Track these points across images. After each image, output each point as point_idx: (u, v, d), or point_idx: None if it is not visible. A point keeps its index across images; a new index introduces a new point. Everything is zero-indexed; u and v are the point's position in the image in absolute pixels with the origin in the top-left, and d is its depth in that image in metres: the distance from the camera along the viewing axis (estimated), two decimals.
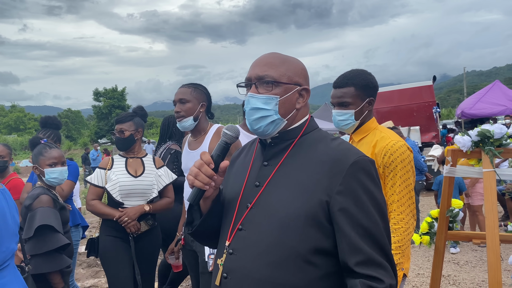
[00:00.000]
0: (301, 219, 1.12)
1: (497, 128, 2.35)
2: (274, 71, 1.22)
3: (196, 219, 1.32)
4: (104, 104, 47.80)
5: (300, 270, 1.11)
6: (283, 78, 1.22)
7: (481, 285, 4.43)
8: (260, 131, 1.24)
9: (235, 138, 1.25)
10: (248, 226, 1.20)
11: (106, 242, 2.86)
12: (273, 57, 1.27)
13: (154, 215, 3.02)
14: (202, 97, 2.64)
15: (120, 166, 2.94)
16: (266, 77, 1.22)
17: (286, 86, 1.23)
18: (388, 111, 11.45)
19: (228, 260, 1.21)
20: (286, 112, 1.23)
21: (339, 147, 1.20)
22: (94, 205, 2.88)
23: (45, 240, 2.33)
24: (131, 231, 2.82)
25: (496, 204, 2.29)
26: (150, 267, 3.05)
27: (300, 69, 1.27)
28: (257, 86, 1.23)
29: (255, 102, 1.23)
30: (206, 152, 1.21)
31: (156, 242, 3.04)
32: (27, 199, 2.49)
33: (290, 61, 1.27)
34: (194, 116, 2.58)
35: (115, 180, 2.86)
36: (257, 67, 1.25)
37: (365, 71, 2.12)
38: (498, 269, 2.12)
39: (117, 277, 2.82)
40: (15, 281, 1.63)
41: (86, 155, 16.37)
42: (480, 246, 5.51)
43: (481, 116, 13.45)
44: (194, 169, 1.19)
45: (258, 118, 1.23)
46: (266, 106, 1.22)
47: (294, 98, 1.24)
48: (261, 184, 1.23)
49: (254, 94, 1.23)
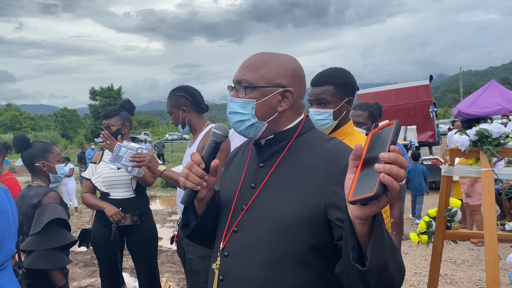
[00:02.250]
0: (296, 221, 1.11)
1: (495, 127, 2.35)
2: (252, 74, 1.21)
3: (191, 221, 1.31)
4: (101, 103, 47.62)
5: (296, 272, 1.11)
6: (260, 81, 1.20)
7: (478, 284, 4.45)
8: (243, 133, 1.25)
9: (225, 137, 1.24)
10: (243, 228, 1.19)
11: (96, 231, 3.07)
12: (256, 59, 1.24)
13: (145, 209, 3.12)
14: (179, 102, 2.66)
15: (106, 159, 3.09)
16: (243, 81, 1.21)
17: (264, 90, 1.20)
18: (385, 110, 11.40)
19: (223, 263, 1.20)
20: (265, 116, 1.21)
21: (335, 147, 1.19)
22: (84, 197, 3.11)
23: (53, 237, 2.29)
24: (113, 220, 2.95)
25: (494, 203, 2.29)
26: (146, 257, 3.12)
27: (285, 70, 1.22)
28: (237, 90, 1.23)
29: (233, 106, 1.23)
30: (196, 152, 1.20)
31: (148, 234, 3.12)
32: (33, 198, 2.41)
33: (274, 62, 1.23)
34: (181, 123, 2.68)
35: (99, 172, 3.07)
36: (239, 70, 1.25)
37: (344, 69, 2.02)
38: (496, 268, 2.12)
39: (104, 261, 3.06)
40: (12, 282, 1.63)
41: (82, 154, 16.31)
42: (478, 245, 5.52)
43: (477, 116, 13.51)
44: (185, 170, 1.17)
45: (237, 121, 1.23)
46: (243, 110, 1.21)
47: (274, 101, 1.21)
48: (257, 186, 1.22)
49: (233, 98, 1.23)
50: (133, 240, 3.07)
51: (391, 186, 0.78)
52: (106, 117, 3.06)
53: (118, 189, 3.02)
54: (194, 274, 2.45)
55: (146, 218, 3.11)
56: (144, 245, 3.09)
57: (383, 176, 0.78)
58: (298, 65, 1.27)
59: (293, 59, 1.28)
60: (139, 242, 3.07)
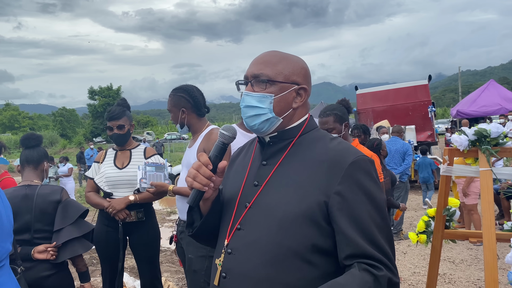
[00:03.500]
0: (299, 219, 1.12)
1: (493, 127, 2.35)
2: (270, 69, 1.22)
3: (196, 221, 1.32)
4: (99, 103, 47.56)
5: (298, 270, 1.11)
6: (279, 76, 1.22)
7: (476, 283, 4.46)
8: (255, 128, 1.25)
9: (232, 138, 1.24)
10: (246, 225, 1.20)
11: (99, 230, 3.04)
12: (272, 55, 1.26)
13: (149, 208, 3.10)
14: (180, 102, 2.65)
15: (109, 159, 3.10)
16: (261, 75, 1.22)
17: (282, 85, 1.22)
18: (384, 110, 11.48)
19: (226, 260, 1.20)
20: (281, 111, 1.23)
21: (338, 146, 1.20)
22: (88, 196, 3.09)
23: (82, 226, 2.56)
24: (119, 219, 2.94)
25: (492, 203, 2.29)
26: (149, 256, 3.11)
27: (299, 68, 1.26)
28: (253, 84, 1.23)
29: (250, 100, 1.23)
30: (203, 153, 1.21)
31: (151, 233, 3.10)
32: (51, 195, 2.51)
33: (289, 60, 1.26)
34: (179, 123, 2.67)
35: (102, 172, 3.05)
36: (254, 65, 1.25)
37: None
38: (495, 268, 2.13)
39: (107, 260, 3.06)
40: (10, 281, 1.63)
41: (81, 154, 16.29)
42: (476, 245, 5.53)
43: (476, 116, 13.54)
44: (192, 170, 1.18)
45: (252, 116, 1.23)
46: (261, 104, 1.22)
47: (290, 97, 1.24)
48: (260, 184, 1.23)
49: (249, 92, 1.24)
50: (136, 238, 3.05)
51: None
52: (116, 118, 2.98)
53: (122, 189, 3.00)
54: (194, 274, 2.45)
55: (150, 216, 3.10)
56: (147, 243, 3.08)
57: None
58: (307, 66, 1.31)
59: (303, 59, 1.31)
60: (142, 241, 3.06)
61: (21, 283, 1.95)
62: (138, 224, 3.02)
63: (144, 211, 3.03)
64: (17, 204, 2.38)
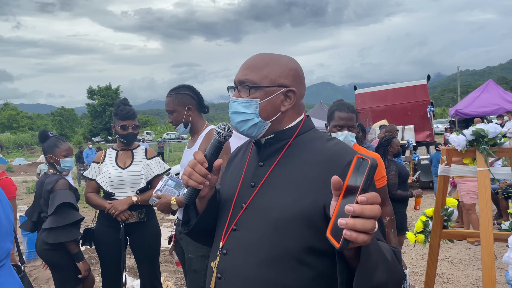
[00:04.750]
0: (295, 220, 1.11)
1: (491, 127, 2.36)
2: (256, 74, 1.21)
3: (192, 219, 1.32)
4: (98, 102, 47.51)
5: (293, 270, 1.11)
6: (264, 81, 1.21)
7: (474, 283, 4.46)
8: (245, 133, 1.25)
9: (228, 136, 1.24)
10: (242, 226, 1.20)
11: (99, 230, 3.05)
12: (259, 59, 1.25)
13: (150, 208, 3.09)
14: (185, 100, 2.62)
15: (111, 159, 3.08)
16: (246, 81, 1.22)
17: (267, 89, 1.21)
18: (383, 110, 11.50)
19: (222, 261, 1.21)
20: (268, 115, 1.23)
21: (335, 147, 1.19)
22: (89, 197, 3.07)
23: (64, 216, 2.80)
24: (121, 219, 2.95)
25: (490, 203, 2.30)
26: (149, 257, 3.11)
27: (287, 70, 1.24)
28: (239, 90, 1.24)
29: (236, 106, 1.23)
30: (199, 151, 1.21)
31: (152, 233, 3.10)
32: (48, 184, 2.90)
33: (277, 62, 1.24)
34: (184, 122, 2.64)
35: (104, 172, 3.02)
36: (241, 70, 1.25)
37: None
38: (492, 268, 2.13)
39: (107, 260, 3.05)
40: (11, 280, 1.62)
41: (80, 153, 16.26)
42: (474, 245, 5.54)
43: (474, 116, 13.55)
44: (188, 168, 1.18)
45: (240, 121, 1.24)
46: (247, 110, 1.22)
47: (278, 101, 1.22)
48: (256, 185, 1.23)
49: (236, 98, 1.24)
50: (137, 238, 3.05)
51: (356, 241, 0.78)
52: (132, 118, 3.00)
53: (124, 189, 2.99)
54: (194, 273, 2.45)
55: (151, 217, 3.10)
56: (147, 244, 3.07)
57: (345, 232, 0.78)
58: (299, 66, 1.28)
59: (294, 59, 1.29)
60: (143, 241, 3.05)
61: (24, 281, 1.96)
62: (139, 225, 3.02)
63: (145, 212, 3.03)
64: (38, 189, 3.01)
